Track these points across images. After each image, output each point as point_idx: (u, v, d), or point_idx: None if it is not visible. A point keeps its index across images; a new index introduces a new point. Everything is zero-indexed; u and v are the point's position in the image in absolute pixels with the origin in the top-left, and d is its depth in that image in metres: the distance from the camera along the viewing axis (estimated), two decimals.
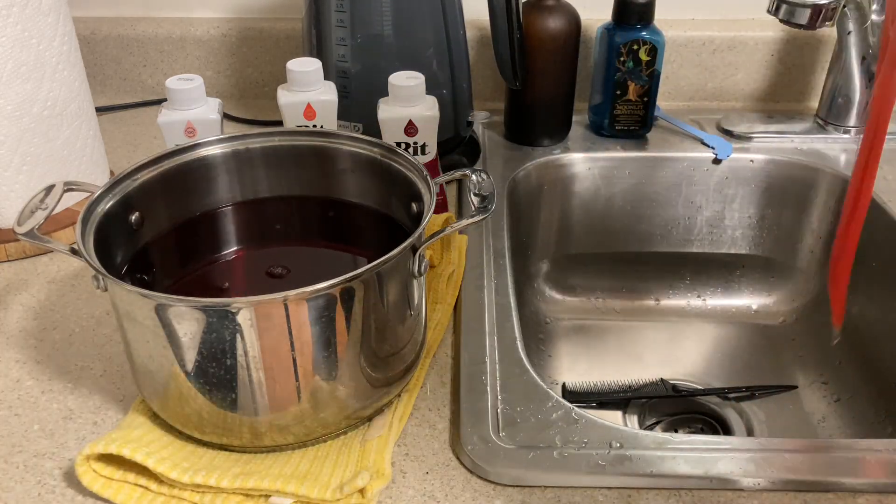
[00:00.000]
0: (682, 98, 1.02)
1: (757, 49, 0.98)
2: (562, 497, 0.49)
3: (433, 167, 0.75)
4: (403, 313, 0.52)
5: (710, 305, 0.94)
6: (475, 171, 0.56)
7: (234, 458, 0.50)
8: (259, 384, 0.47)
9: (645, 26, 0.85)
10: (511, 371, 0.58)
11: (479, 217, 0.52)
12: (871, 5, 0.83)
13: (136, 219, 0.56)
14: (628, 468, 0.50)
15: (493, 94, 1.02)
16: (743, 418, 0.77)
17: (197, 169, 0.59)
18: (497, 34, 0.80)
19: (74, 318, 0.65)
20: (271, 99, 1.00)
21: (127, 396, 0.57)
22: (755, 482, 0.49)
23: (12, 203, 0.71)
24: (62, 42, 0.72)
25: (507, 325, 0.63)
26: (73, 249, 0.48)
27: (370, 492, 0.46)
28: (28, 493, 0.49)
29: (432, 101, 0.72)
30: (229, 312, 0.44)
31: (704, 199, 0.91)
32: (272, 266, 0.60)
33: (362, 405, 0.51)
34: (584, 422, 0.53)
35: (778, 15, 0.79)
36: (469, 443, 0.51)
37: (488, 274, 0.69)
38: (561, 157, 0.89)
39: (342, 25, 0.78)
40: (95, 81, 1.05)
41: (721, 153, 0.89)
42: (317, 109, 0.72)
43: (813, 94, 1.01)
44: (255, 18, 1.02)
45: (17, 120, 0.69)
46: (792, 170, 0.88)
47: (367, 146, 0.59)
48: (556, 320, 0.92)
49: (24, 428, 0.54)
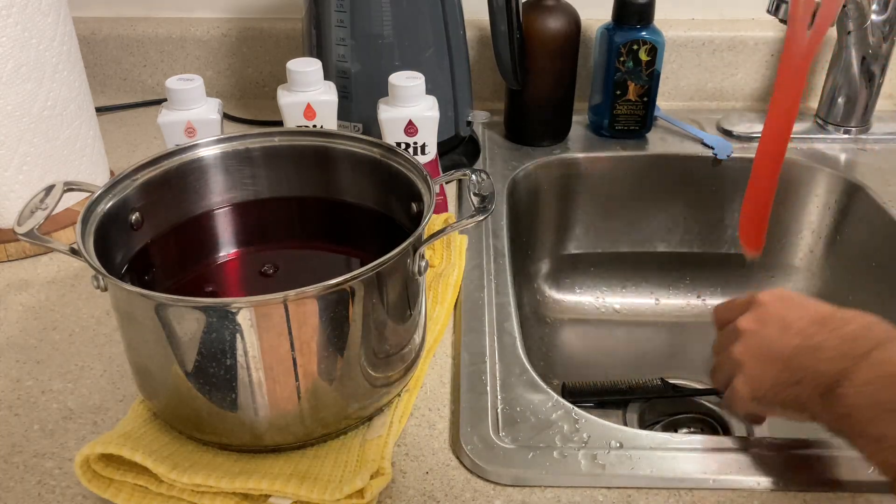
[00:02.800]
0: (682, 98, 1.02)
1: (757, 49, 0.98)
2: (562, 497, 0.49)
3: (433, 167, 0.75)
4: (403, 313, 0.52)
5: (710, 305, 0.94)
6: (475, 171, 0.56)
7: (234, 458, 0.50)
8: (259, 384, 0.47)
9: (645, 26, 0.85)
10: (511, 371, 0.58)
11: (479, 217, 0.52)
12: (871, 5, 0.83)
13: (136, 219, 0.56)
14: (628, 468, 0.50)
15: (493, 94, 1.02)
16: None
17: (197, 169, 0.59)
18: (497, 34, 0.80)
19: (74, 318, 0.65)
20: (271, 99, 1.00)
21: (127, 396, 0.57)
22: (755, 482, 0.49)
23: (12, 203, 0.71)
24: (62, 42, 0.72)
25: (506, 325, 0.63)
26: (73, 249, 0.48)
27: (370, 492, 0.46)
28: (28, 493, 0.49)
29: (432, 101, 0.72)
30: (229, 312, 0.44)
31: (704, 199, 0.91)
32: (272, 266, 0.60)
33: (362, 405, 0.51)
34: (584, 422, 0.53)
35: (778, 15, 0.79)
36: (469, 443, 0.51)
37: (488, 274, 0.69)
38: (561, 157, 0.89)
39: (342, 25, 0.78)
40: (95, 81, 1.05)
41: (721, 153, 0.89)
42: (317, 109, 0.72)
43: (813, 94, 1.01)
44: (255, 18, 1.02)
45: (17, 120, 0.69)
46: (792, 170, 0.88)
47: (367, 146, 0.59)
48: (556, 320, 0.92)
49: (24, 428, 0.54)
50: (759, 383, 0.51)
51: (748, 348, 0.52)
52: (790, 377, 0.49)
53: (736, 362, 0.53)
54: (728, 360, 0.54)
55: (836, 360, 0.46)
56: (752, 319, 0.53)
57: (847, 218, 0.86)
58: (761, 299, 0.54)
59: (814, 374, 0.47)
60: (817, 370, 0.47)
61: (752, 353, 0.52)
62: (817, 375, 0.47)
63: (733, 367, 0.53)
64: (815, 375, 0.47)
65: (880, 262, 0.80)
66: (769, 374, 0.51)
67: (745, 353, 0.52)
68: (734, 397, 0.53)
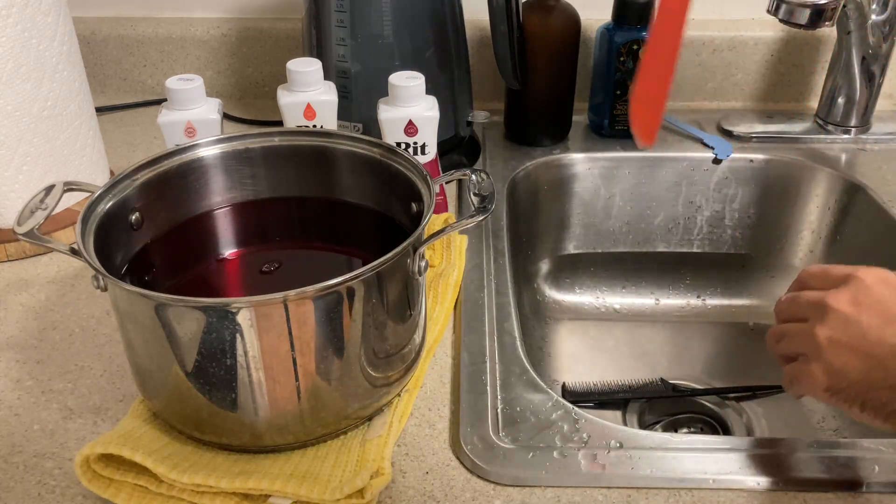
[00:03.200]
0: (682, 98, 1.02)
1: (757, 49, 0.98)
2: (562, 497, 0.49)
3: (433, 167, 0.75)
4: (403, 313, 0.52)
5: (709, 305, 0.94)
6: (475, 171, 0.56)
7: (234, 458, 0.50)
8: (259, 384, 0.47)
9: (645, 26, 0.85)
10: (511, 371, 0.58)
11: (479, 217, 0.52)
12: (871, 5, 0.83)
13: (136, 219, 0.56)
14: (628, 468, 0.50)
15: (493, 94, 1.02)
16: (743, 418, 0.77)
17: (197, 169, 0.59)
18: (497, 34, 0.80)
19: (74, 318, 0.65)
20: (271, 99, 1.00)
21: (127, 396, 0.57)
22: (755, 482, 0.49)
23: (12, 203, 0.71)
24: (62, 42, 0.72)
25: (506, 325, 0.63)
26: (73, 249, 0.48)
27: (370, 492, 0.46)
28: (28, 493, 0.49)
29: (432, 101, 0.72)
30: (229, 312, 0.44)
31: (704, 199, 0.91)
32: (272, 266, 0.60)
33: (362, 405, 0.51)
34: (584, 422, 0.53)
35: (778, 15, 0.79)
36: (469, 443, 0.51)
37: (488, 274, 0.69)
38: (561, 157, 0.89)
39: (342, 25, 0.78)
40: (95, 81, 1.04)
41: (721, 153, 0.89)
42: (317, 109, 0.72)
43: (813, 94, 1.01)
44: (255, 18, 1.02)
45: (17, 120, 0.69)
46: (792, 170, 0.88)
47: (367, 146, 0.59)
48: (556, 320, 0.92)
49: (24, 428, 0.54)
50: (841, 376, 0.45)
51: (837, 333, 0.45)
52: (884, 379, 0.43)
53: (817, 345, 0.45)
54: (806, 338, 0.47)
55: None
56: (848, 300, 0.45)
57: (847, 218, 0.86)
58: (863, 278, 0.46)
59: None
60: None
61: (840, 339, 0.45)
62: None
63: (811, 348, 0.46)
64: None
65: (880, 262, 0.79)
66: (857, 368, 0.44)
67: (830, 338, 0.45)
68: (805, 382, 0.47)
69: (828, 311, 0.45)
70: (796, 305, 0.49)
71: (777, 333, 0.51)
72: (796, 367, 0.48)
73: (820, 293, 0.47)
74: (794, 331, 0.48)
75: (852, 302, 0.45)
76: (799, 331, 0.48)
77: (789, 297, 0.51)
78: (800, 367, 0.47)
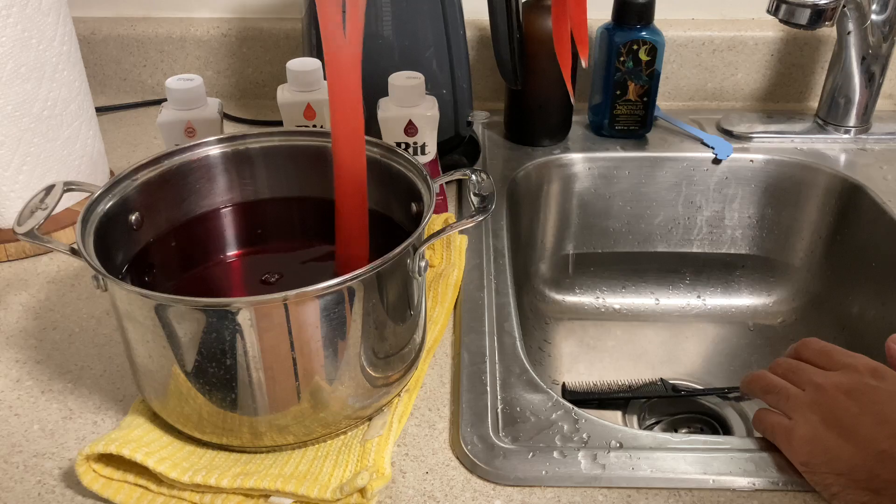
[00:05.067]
0: (682, 98, 1.02)
1: (757, 49, 0.98)
2: (562, 497, 0.49)
3: (433, 167, 0.75)
4: (403, 313, 0.52)
5: (709, 305, 0.94)
6: (475, 171, 0.56)
7: (234, 458, 0.50)
8: (259, 384, 0.47)
9: (645, 26, 0.85)
10: (511, 371, 0.58)
11: (479, 217, 0.52)
12: (871, 5, 0.83)
13: (136, 219, 0.56)
14: (628, 468, 0.50)
15: (493, 94, 1.02)
16: (743, 418, 0.77)
17: (197, 169, 0.59)
18: (497, 34, 0.80)
19: (74, 318, 0.65)
20: (271, 99, 1.00)
21: (127, 396, 0.57)
22: (755, 482, 0.49)
23: (12, 203, 0.71)
24: (62, 42, 0.72)
25: (506, 325, 0.63)
26: (73, 249, 0.48)
27: (370, 492, 0.46)
28: (28, 493, 0.49)
29: (432, 101, 0.72)
30: (229, 312, 0.44)
31: (704, 199, 0.91)
32: (271, 266, 0.60)
33: (362, 405, 0.51)
34: (584, 421, 0.53)
35: (778, 15, 0.79)
36: (469, 442, 0.51)
37: (488, 274, 0.69)
38: (561, 157, 0.89)
39: None
40: (95, 81, 1.05)
41: (721, 153, 0.89)
42: (317, 109, 0.72)
43: (813, 94, 1.01)
44: (255, 18, 1.02)
45: (17, 120, 0.69)
46: (792, 170, 0.88)
47: (367, 146, 0.59)
48: (556, 320, 0.92)
49: (24, 428, 0.54)
50: (822, 455, 0.45)
51: (824, 413, 0.45)
52: (867, 480, 0.41)
53: (804, 415, 0.46)
54: (793, 401, 0.47)
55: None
56: (843, 387, 0.45)
57: (847, 218, 0.86)
58: (858, 368, 0.46)
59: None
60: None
61: (827, 420, 0.44)
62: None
63: (797, 410, 0.47)
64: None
65: (880, 262, 0.80)
66: (842, 455, 0.43)
67: (816, 417, 0.45)
68: (783, 443, 0.48)
69: (816, 388, 0.48)
70: (795, 375, 0.51)
71: (766, 386, 0.52)
72: (778, 421, 0.49)
73: (822, 374, 0.48)
74: (790, 393, 0.50)
75: (847, 391, 0.46)
76: (794, 394, 0.49)
77: (792, 364, 0.52)
78: (781, 423, 0.49)
